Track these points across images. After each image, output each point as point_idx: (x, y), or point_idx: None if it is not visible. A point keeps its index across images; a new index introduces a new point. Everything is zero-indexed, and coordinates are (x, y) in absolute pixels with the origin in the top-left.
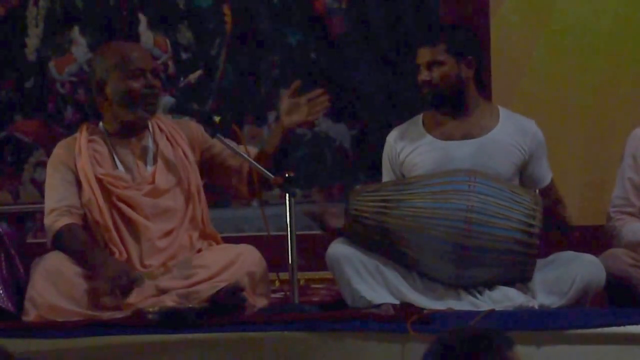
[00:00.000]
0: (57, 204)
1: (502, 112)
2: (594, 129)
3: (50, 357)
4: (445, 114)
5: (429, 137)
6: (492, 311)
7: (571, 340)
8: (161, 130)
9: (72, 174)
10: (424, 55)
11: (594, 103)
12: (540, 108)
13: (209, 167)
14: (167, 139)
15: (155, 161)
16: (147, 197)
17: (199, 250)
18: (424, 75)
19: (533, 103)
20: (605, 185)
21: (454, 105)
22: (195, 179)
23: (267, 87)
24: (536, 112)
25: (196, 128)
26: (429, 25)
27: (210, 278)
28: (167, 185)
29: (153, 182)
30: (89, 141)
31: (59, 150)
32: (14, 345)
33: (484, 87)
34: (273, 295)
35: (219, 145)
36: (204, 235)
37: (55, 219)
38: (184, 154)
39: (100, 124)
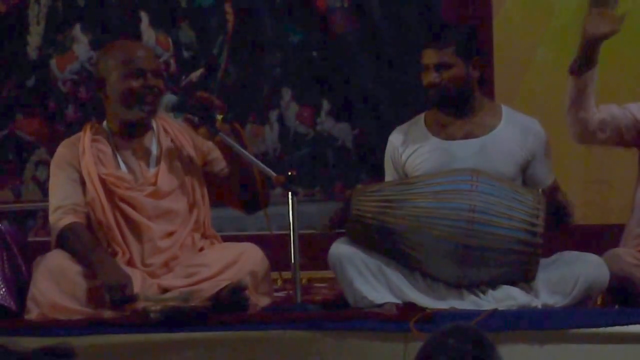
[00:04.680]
0: (62, 202)
1: (505, 111)
2: None
3: None
4: (448, 113)
5: (431, 137)
6: (495, 311)
7: (574, 340)
8: (166, 131)
9: (76, 172)
10: (431, 56)
11: (596, 102)
12: (543, 106)
13: (205, 181)
14: (172, 140)
15: (158, 162)
16: (149, 199)
17: (201, 249)
18: (431, 77)
19: (536, 101)
20: (608, 184)
21: (459, 105)
22: (200, 182)
23: (268, 85)
24: (539, 111)
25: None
26: (435, 25)
27: (212, 277)
28: (170, 187)
29: (155, 183)
30: (93, 141)
31: (63, 149)
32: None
33: (486, 86)
34: (275, 294)
35: (218, 165)
36: (205, 236)
37: (59, 217)
38: (189, 157)
39: (105, 123)
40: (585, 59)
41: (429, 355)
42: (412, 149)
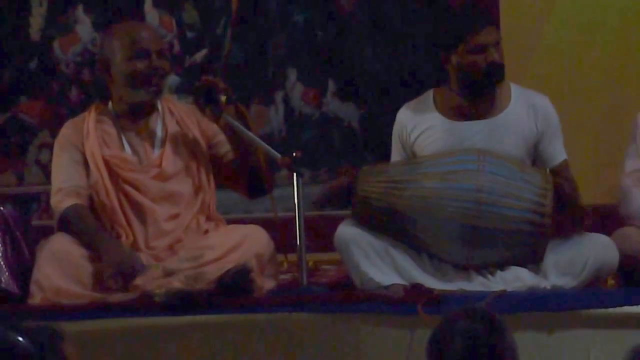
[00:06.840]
0: (64, 184)
1: (514, 89)
2: (606, 108)
3: None
4: (471, 94)
5: (440, 117)
6: (504, 292)
7: (584, 321)
8: (172, 113)
9: (79, 154)
10: (492, 34)
11: (605, 82)
12: (551, 88)
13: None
14: (178, 122)
15: (163, 144)
16: (154, 181)
17: (206, 232)
18: (496, 55)
19: (543, 83)
20: (616, 164)
21: (494, 86)
22: (205, 165)
23: (273, 66)
24: (547, 92)
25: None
26: (477, 7)
27: (217, 259)
28: (175, 169)
29: (160, 165)
30: (98, 122)
31: (67, 130)
32: None
33: None
34: (281, 277)
35: (223, 147)
36: (210, 219)
37: (61, 199)
38: (195, 139)
39: (110, 104)
40: None
41: (442, 339)
42: (422, 129)
